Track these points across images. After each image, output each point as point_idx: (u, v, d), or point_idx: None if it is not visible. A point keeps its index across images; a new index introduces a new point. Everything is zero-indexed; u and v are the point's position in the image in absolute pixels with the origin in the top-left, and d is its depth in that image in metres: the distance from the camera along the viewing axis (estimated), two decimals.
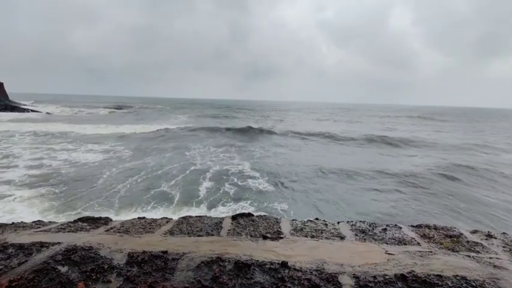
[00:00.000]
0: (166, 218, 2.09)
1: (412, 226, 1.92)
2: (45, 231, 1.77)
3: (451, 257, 1.43)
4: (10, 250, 1.36)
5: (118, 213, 9.78)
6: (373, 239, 1.68)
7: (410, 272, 1.21)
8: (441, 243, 1.62)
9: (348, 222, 1.98)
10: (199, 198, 11.46)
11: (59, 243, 1.47)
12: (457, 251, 1.51)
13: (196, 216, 2.06)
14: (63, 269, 1.19)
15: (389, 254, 1.45)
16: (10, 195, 10.93)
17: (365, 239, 1.67)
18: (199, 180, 13.71)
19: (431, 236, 1.74)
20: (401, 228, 1.86)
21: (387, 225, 1.90)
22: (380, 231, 1.79)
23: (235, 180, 13.94)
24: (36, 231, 1.76)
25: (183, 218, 2.03)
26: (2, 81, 65.21)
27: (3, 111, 51.29)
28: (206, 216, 2.08)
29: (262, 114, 71.30)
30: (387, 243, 1.61)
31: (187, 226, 1.85)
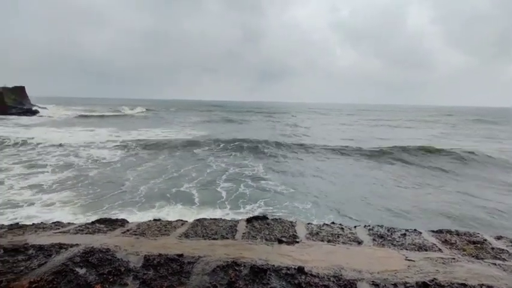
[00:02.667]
0: (181, 220, 2.09)
1: (433, 231, 1.85)
2: (63, 232, 1.81)
3: (475, 264, 1.37)
4: (30, 251, 1.39)
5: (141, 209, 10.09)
6: (392, 244, 1.63)
7: (433, 280, 1.17)
8: (464, 250, 1.55)
9: (365, 226, 1.94)
10: None
11: (77, 244, 1.49)
12: (482, 258, 1.44)
13: (210, 219, 2.06)
14: (81, 271, 1.21)
15: (409, 260, 1.40)
16: (37, 198, 11.34)
17: (383, 244, 1.63)
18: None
19: (453, 242, 1.68)
20: (421, 233, 1.80)
21: (406, 230, 1.84)
22: (399, 236, 1.74)
23: None
24: (55, 233, 1.80)
25: (198, 220, 2.03)
26: (23, 85, 67.55)
27: (25, 115, 53.16)
28: (221, 219, 2.08)
29: (278, 117, 66.90)
30: (406, 249, 1.56)
31: (202, 229, 1.85)
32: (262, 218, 2.06)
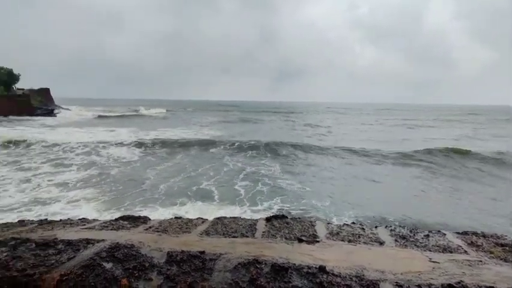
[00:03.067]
0: (202, 218, 2.13)
1: (457, 233, 1.80)
2: (89, 228, 1.88)
3: (503, 267, 1.32)
4: (60, 246, 1.45)
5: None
6: (415, 245, 1.60)
7: (459, 283, 1.13)
8: (491, 252, 1.50)
9: (386, 226, 1.90)
10: None
11: (103, 240, 1.54)
12: (510, 261, 1.39)
13: (230, 217, 2.08)
14: (107, 266, 1.25)
15: (433, 262, 1.37)
16: (63, 195, 11.85)
17: (406, 245, 1.59)
18: None
19: (479, 244, 1.62)
20: (445, 235, 1.75)
21: (429, 232, 1.80)
22: (423, 238, 1.70)
23: None
24: (82, 229, 1.87)
25: (218, 218, 2.06)
26: (48, 88, 70.48)
27: (50, 116, 55.50)
28: (240, 217, 2.09)
29: (295, 117, 65.56)
30: (430, 251, 1.52)
31: (222, 227, 1.88)
32: (282, 217, 2.06)
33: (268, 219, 2.02)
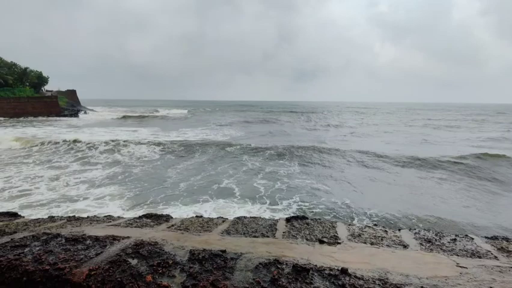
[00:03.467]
0: (222, 217, 2.15)
1: (486, 238, 1.72)
2: (115, 225, 1.94)
3: None
4: (88, 242, 1.51)
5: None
6: (441, 249, 1.54)
7: None
8: None
9: (410, 229, 1.85)
10: None
11: (128, 237, 1.60)
12: None
13: (250, 217, 2.09)
14: (133, 262, 1.29)
15: (461, 267, 1.32)
16: (89, 192, 12.35)
17: (431, 249, 1.54)
18: None
19: (510, 249, 1.54)
20: (473, 239, 1.68)
21: (456, 235, 1.73)
22: (449, 242, 1.64)
23: None
24: (108, 225, 1.94)
25: (238, 218, 2.08)
26: (74, 89, 73.51)
27: (76, 116, 57.88)
28: (260, 217, 2.10)
29: (314, 117, 63.03)
30: (457, 255, 1.46)
31: (242, 226, 1.89)
32: (302, 217, 2.05)
33: (288, 220, 2.01)
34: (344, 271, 1.20)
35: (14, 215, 2.32)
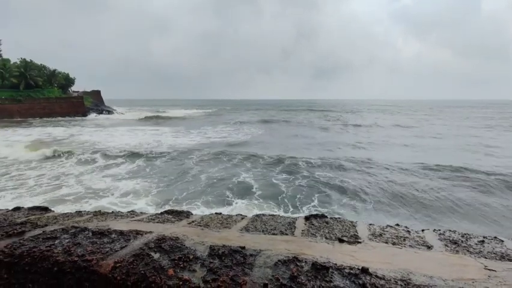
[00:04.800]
0: (241, 214, 2.17)
1: None
2: (138, 220, 2.00)
3: None
4: (113, 235, 1.57)
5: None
6: (467, 251, 1.48)
7: None
8: None
9: (434, 230, 1.79)
10: None
11: (150, 232, 1.64)
12: None
13: (269, 215, 2.09)
14: (155, 256, 1.33)
15: (489, 270, 1.26)
16: (115, 185, 12.89)
17: (457, 251, 1.48)
18: None
19: None
20: (502, 241, 1.61)
21: (484, 237, 1.66)
22: (476, 243, 1.57)
23: None
24: (131, 220, 2.00)
25: (257, 215, 2.09)
26: (99, 89, 76.22)
27: (101, 115, 60.07)
28: (279, 215, 2.10)
29: (334, 116, 57.71)
30: (485, 258, 1.40)
31: (261, 224, 1.90)
32: (321, 216, 2.03)
33: (307, 218, 2.00)
34: (364, 270, 1.19)
35: (45, 209, 2.44)
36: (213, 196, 11.73)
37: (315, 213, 2.12)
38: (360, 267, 1.21)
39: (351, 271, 1.19)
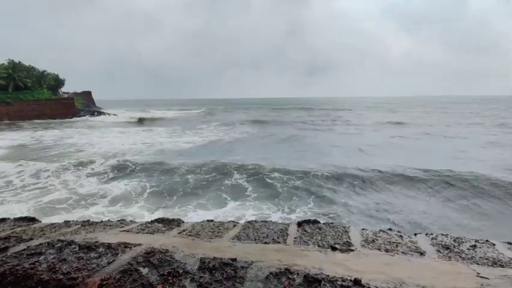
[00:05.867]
0: (233, 221, 2.14)
1: (509, 243, 1.64)
2: (127, 231, 1.96)
3: None
4: (101, 249, 1.52)
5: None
6: (460, 257, 1.48)
7: None
8: None
9: (427, 234, 1.79)
10: None
11: (139, 244, 1.60)
12: None
13: (261, 221, 2.07)
14: (144, 271, 1.29)
15: (481, 277, 1.25)
16: (103, 187, 12.66)
17: (449, 257, 1.48)
18: None
19: None
20: (494, 245, 1.61)
21: (476, 241, 1.66)
22: (469, 248, 1.57)
23: None
24: (120, 231, 1.96)
25: (249, 222, 2.06)
26: (90, 90, 75.25)
27: (92, 117, 59.31)
28: (271, 221, 2.08)
29: (338, 116, 53.61)
30: (478, 264, 1.40)
31: (253, 231, 1.87)
32: (314, 221, 2.02)
33: (299, 224, 1.98)
34: (357, 282, 1.17)
35: (32, 219, 2.38)
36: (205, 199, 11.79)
37: (308, 218, 2.10)
38: (352, 279, 1.19)
39: (344, 283, 1.17)
